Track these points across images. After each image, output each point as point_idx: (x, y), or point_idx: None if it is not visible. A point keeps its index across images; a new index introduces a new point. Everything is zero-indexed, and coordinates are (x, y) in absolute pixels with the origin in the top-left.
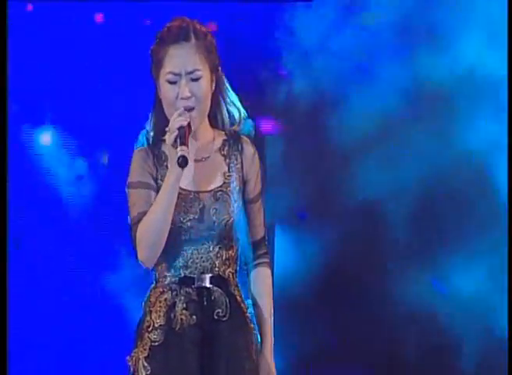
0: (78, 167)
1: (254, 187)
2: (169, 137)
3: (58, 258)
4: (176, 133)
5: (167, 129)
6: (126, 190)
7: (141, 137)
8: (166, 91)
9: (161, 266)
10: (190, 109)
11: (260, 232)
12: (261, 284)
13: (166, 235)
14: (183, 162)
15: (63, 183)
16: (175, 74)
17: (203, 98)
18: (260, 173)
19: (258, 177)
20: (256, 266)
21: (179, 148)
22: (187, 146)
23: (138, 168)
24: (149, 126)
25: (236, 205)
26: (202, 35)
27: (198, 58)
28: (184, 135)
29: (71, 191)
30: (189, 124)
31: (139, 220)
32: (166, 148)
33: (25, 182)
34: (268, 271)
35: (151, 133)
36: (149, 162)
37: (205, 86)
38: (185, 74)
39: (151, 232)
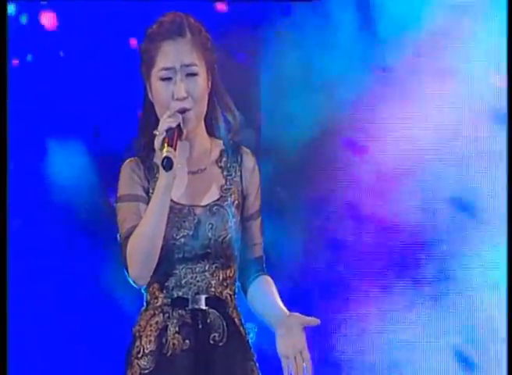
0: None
1: (254, 202)
2: (157, 140)
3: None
4: (164, 135)
5: (155, 132)
6: (115, 204)
7: (130, 148)
8: (159, 91)
9: (153, 287)
10: (184, 111)
11: (258, 251)
12: (266, 286)
13: (159, 250)
14: (167, 164)
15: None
16: (168, 69)
17: (199, 97)
18: (260, 188)
19: (258, 192)
20: (255, 278)
21: (164, 150)
22: (175, 149)
23: (127, 180)
24: (139, 134)
25: (233, 220)
26: (197, 30)
27: (195, 54)
28: (173, 138)
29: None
30: (179, 126)
31: (129, 235)
32: (158, 158)
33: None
34: (270, 279)
35: (141, 143)
36: (140, 173)
37: (202, 84)
38: (180, 68)
39: (141, 246)
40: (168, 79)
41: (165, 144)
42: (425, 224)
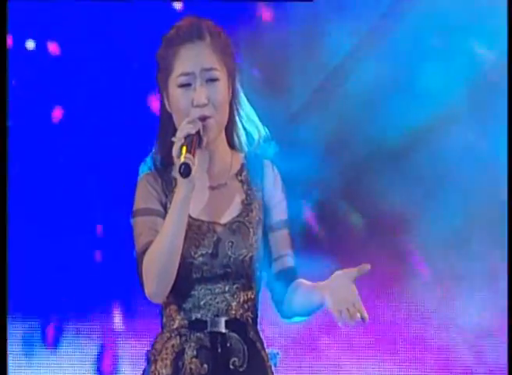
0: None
1: (278, 213)
2: (175, 147)
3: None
4: (182, 142)
5: (173, 139)
6: (131, 220)
7: (148, 161)
8: (177, 98)
9: (169, 309)
10: (204, 119)
11: (285, 262)
12: (298, 282)
13: (176, 265)
14: (185, 170)
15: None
16: (187, 74)
17: (221, 104)
18: (285, 199)
19: (283, 204)
20: (285, 288)
21: (182, 156)
22: (193, 156)
23: (144, 194)
24: (156, 147)
25: (255, 237)
26: (217, 34)
27: (215, 58)
28: (191, 144)
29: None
30: (198, 133)
31: (145, 250)
32: (176, 170)
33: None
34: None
35: (159, 156)
36: (157, 187)
37: (223, 90)
38: (200, 73)
39: (158, 261)
40: (188, 85)
41: (183, 151)
42: None
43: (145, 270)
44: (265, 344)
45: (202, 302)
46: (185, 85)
